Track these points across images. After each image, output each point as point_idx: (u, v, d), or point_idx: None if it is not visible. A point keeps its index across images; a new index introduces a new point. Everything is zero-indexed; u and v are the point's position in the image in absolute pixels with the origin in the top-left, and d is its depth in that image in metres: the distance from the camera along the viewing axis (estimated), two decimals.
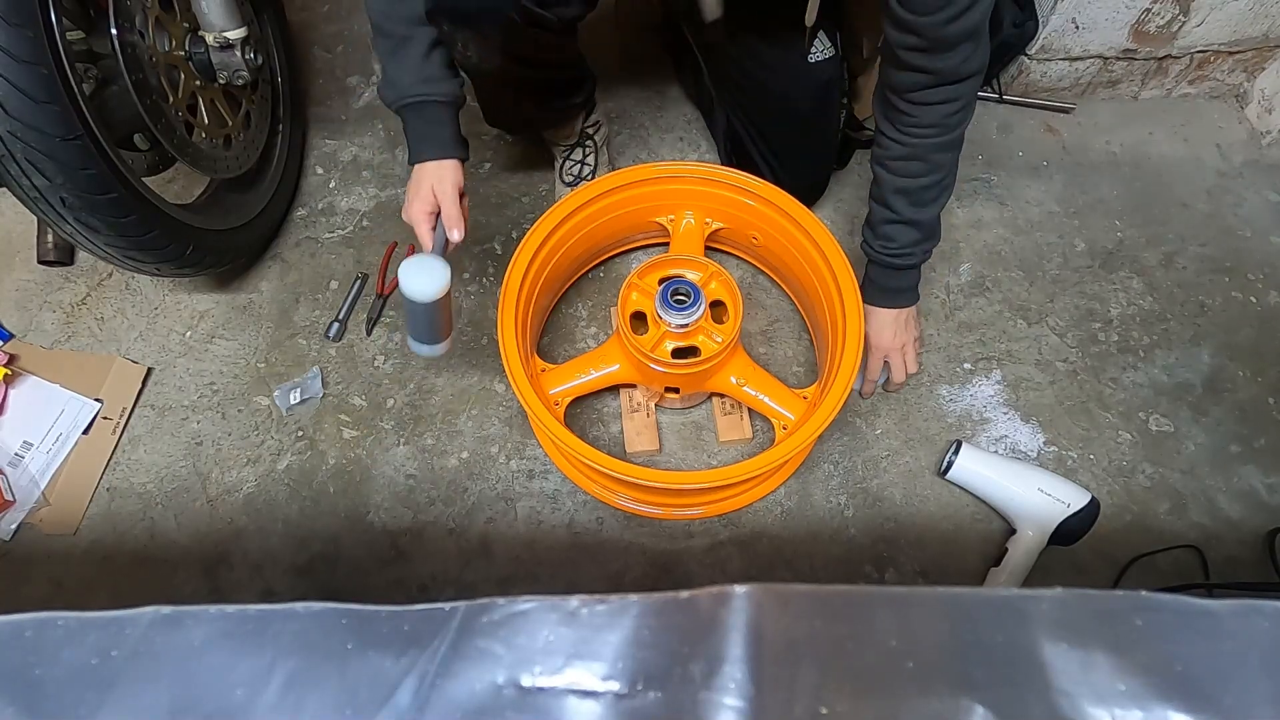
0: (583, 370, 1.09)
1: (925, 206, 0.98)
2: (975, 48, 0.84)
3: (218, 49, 1.07)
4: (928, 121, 0.90)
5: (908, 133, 0.92)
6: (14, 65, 0.79)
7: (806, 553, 1.08)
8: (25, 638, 0.32)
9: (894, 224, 1.00)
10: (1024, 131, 1.47)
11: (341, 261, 1.31)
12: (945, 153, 0.94)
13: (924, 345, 1.22)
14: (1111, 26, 1.35)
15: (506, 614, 0.31)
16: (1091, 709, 0.28)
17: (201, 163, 1.10)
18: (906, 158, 0.94)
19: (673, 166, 1.12)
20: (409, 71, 0.91)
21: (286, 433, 1.16)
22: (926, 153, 0.93)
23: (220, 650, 0.31)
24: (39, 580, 1.06)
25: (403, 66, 0.91)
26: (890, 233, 1.01)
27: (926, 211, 0.99)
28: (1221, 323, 1.27)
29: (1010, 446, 1.15)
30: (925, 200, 0.97)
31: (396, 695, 0.30)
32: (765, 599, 0.31)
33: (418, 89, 0.92)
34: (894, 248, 1.01)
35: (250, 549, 1.08)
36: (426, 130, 0.93)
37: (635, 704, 0.29)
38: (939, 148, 0.93)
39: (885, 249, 1.02)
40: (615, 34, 1.54)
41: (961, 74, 0.86)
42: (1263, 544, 1.09)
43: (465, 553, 1.08)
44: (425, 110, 0.93)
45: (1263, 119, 1.47)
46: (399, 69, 0.91)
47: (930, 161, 0.94)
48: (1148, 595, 0.30)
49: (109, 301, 1.26)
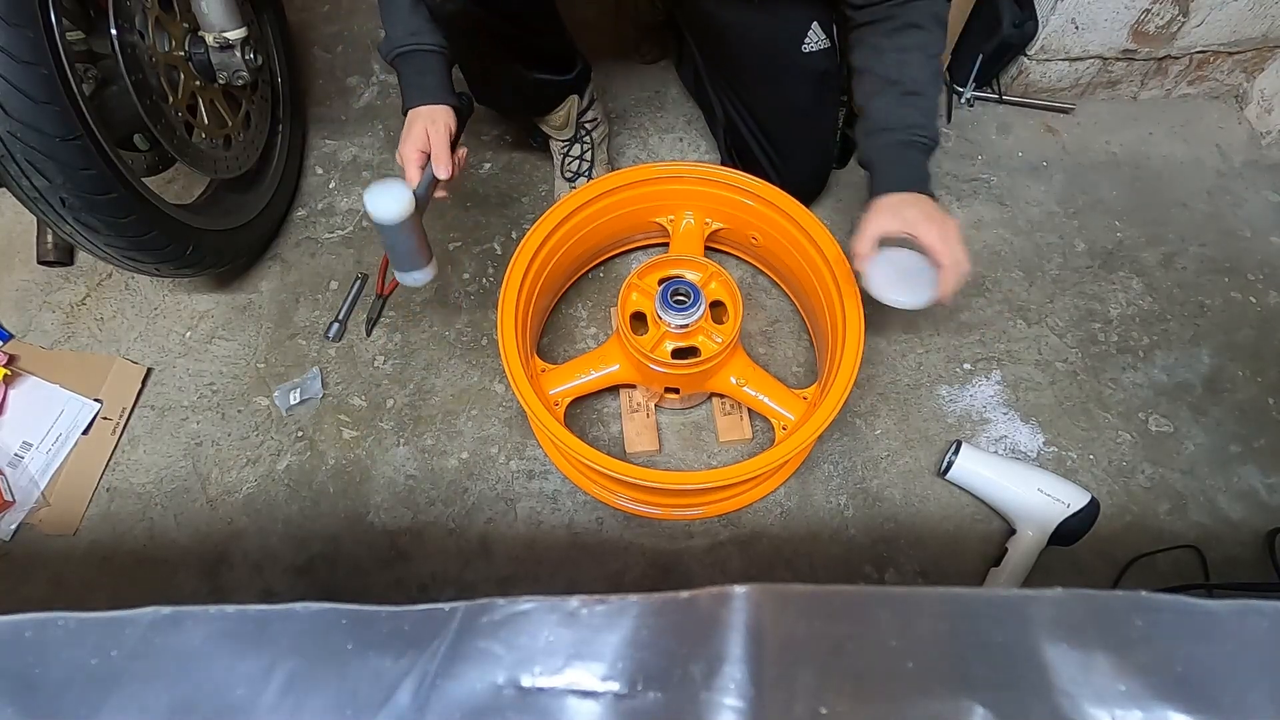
0: (583, 370, 1.09)
1: (928, 82, 0.94)
2: None
3: (218, 49, 1.07)
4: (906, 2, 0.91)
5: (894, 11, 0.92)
6: (14, 65, 0.79)
7: (806, 553, 1.08)
8: (25, 638, 0.32)
9: (906, 97, 0.93)
10: (1024, 131, 1.47)
11: (341, 262, 1.31)
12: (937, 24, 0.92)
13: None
14: (1111, 27, 1.35)
15: (506, 614, 0.31)
16: (1091, 709, 0.28)
17: (201, 163, 1.10)
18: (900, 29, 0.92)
19: (673, 166, 1.12)
20: (399, 23, 0.97)
21: (286, 433, 1.16)
22: (920, 19, 0.91)
23: (220, 650, 0.31)
24: (39, 580, 1.06)
25: (394, 20, 0.97)
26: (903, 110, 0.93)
27: (931, 87, 0.94)
28: (1221, 323, 1.27)
29: (1010, 446, 1.15)
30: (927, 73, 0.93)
31: (396, 695, 0.30)
32: (765, 599, 0.31)
33: (407, 40, 0.98)
34: (912, 122, 0.93)
35: (250, 549, 1.08)
36: (417, 79, 0.99)
37: (635, 704, 0.29)
38: (932, 15, 0.92)
39: (903, 126, 0.92)
40: (615, 34, 1.54)
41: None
42: (1263, 544, 1.09)
43: (465, 553, 1.08)
44: (415, 59, 0.99)
45: (1262, 119, 1.47)
46: (391, 22, 0.98)
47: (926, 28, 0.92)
48: (1148, 595, 0.30)
49: (109, 301, 1.26)
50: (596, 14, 1.55)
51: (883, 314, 1.26)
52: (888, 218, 0.89)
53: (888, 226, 0.89)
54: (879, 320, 1.25)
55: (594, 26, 1.54)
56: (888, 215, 0.90)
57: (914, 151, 0.94)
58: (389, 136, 1.43)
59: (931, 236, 0.87)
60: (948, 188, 1.39)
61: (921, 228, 0.88)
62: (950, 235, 0.88)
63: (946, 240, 0.87)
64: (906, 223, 0.88)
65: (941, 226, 0.88)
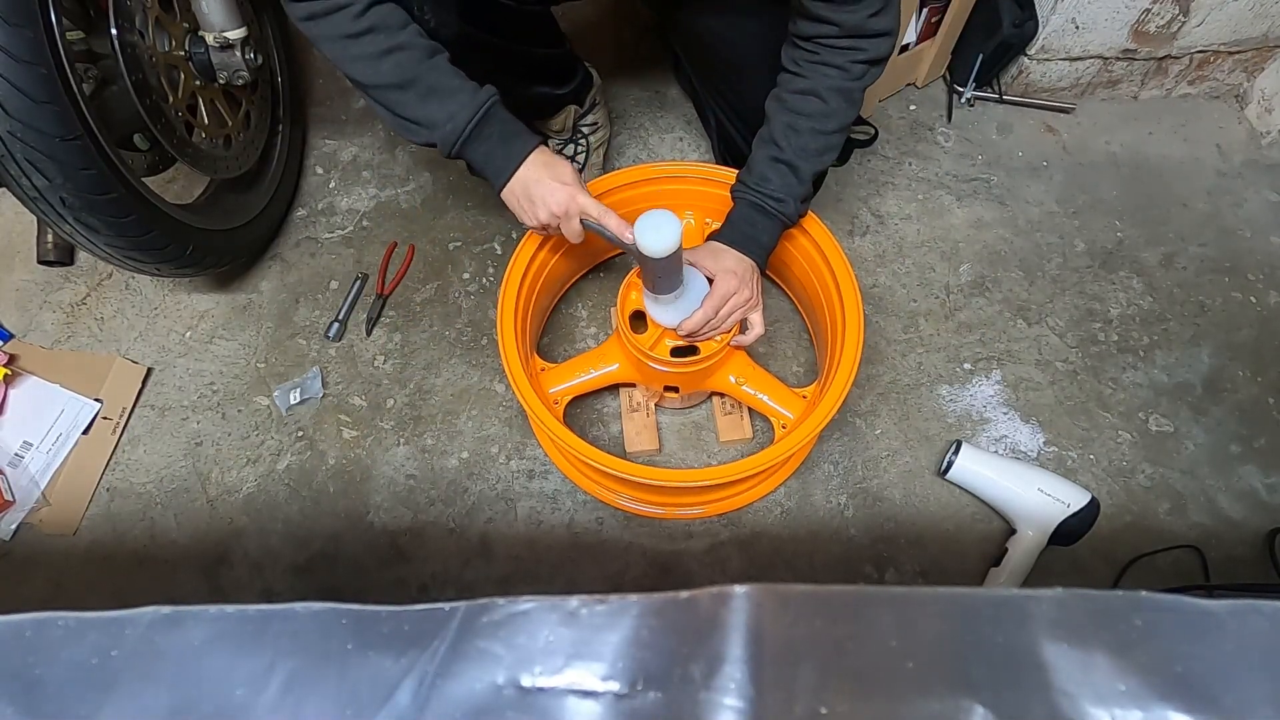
0: (582, 369, 1.09)
1: (809, 157, 0.93)
2: (884, 5, 0.84)
3: (218, 49, 1.07)
4: (831, 62, 0.88)
5: (808, 69, 0.90)
6: (14, 65, 0.79)
7: (806, 553, 1.08)
8: (25, 638, 0.32)
9: (775, 163, 0.94)
10: (1024, 131, 1.47)
11: (341, 261, 1.31)
12: (843, 100, 0.91)
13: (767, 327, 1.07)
14: (1111, 26, 1.35)
15: (506, 614, 0.31)
16: (1091, 709, 0.28)
17: (201, 163, 1.10)
18: (804, 91, 0.91)
19: (673, 166, 1.12)
20: (461, 92, 0.84)
21: (286, 433, 1.16)
22: (825, 91, 0.90)
23: (220, 650, 0.31)
24: (39, 580, 1.06)
25: (453, 95, 0.84)
26: (768, 173, 0.95)
27: (808, 162, 0.94)
28: (1221, 323, 1.27)
29: (1010, 446, 1.15)
30: (810, 149, 0.93)
31: (396, 695, 0.30)
32: (765, 599, 0.31)
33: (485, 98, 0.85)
34: (768, 189, 0.95)
35: (250, 549, 1.08)
36: (513, 126, 0.87)
37: (635, 704, 0.29)
38: (838, 91, 0.90)
39: (759, 188, 0.95)
40: (615, 34, 1.54)
41: (867, 30, 0.85)
42: (1263, 544, 1.09)
43: (465, 553, 1.08)
44: (498, 110, 0.86)
45: (1263, 119, 1.47)
46: (449, 98, 0.84)
47: (827, 102, 0.90)
48: (1148, 595, 0.30)
49: (109, 301, 1.26)
50: (596, 14, 1.55)
51: (883, 314, 1.26)
52: (708, 258, 0.95)
53: (704, 263, 0.95)
54: (879, 320, 1.25)
55: (594, 27, 1.54)
56: (708, 256, 0.96)
57: (762, 216, 0.97)
58: (389, 136, 1.43)
59: (720, 290, 0.93)
60: (948, 188, 1.39)
61: (721, 279, 0.94)
62: (735, 302, 0.95)
63: (725, 301, 0.94)
64: (716, 267, 0.95)
65: (737, 293, 0.94)
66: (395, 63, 0.82)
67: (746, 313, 0.98)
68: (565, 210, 0.88)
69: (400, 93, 0.83)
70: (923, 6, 1.32)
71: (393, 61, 0.82)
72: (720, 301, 0.94)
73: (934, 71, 1.49)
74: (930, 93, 1.51)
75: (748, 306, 0.97)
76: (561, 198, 0.87)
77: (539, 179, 0.87)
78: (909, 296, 1.28)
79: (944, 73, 1.51)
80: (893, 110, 1.48)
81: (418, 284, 1.29)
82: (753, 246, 0.97)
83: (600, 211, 0.87)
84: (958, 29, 1.41)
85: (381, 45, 0.81)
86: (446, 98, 0.84)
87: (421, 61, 0.83)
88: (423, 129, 0.85)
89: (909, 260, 1.31)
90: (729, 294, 0.94)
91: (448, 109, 0.84)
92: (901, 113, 1.48)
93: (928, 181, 1.40)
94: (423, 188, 1.38)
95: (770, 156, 0.95)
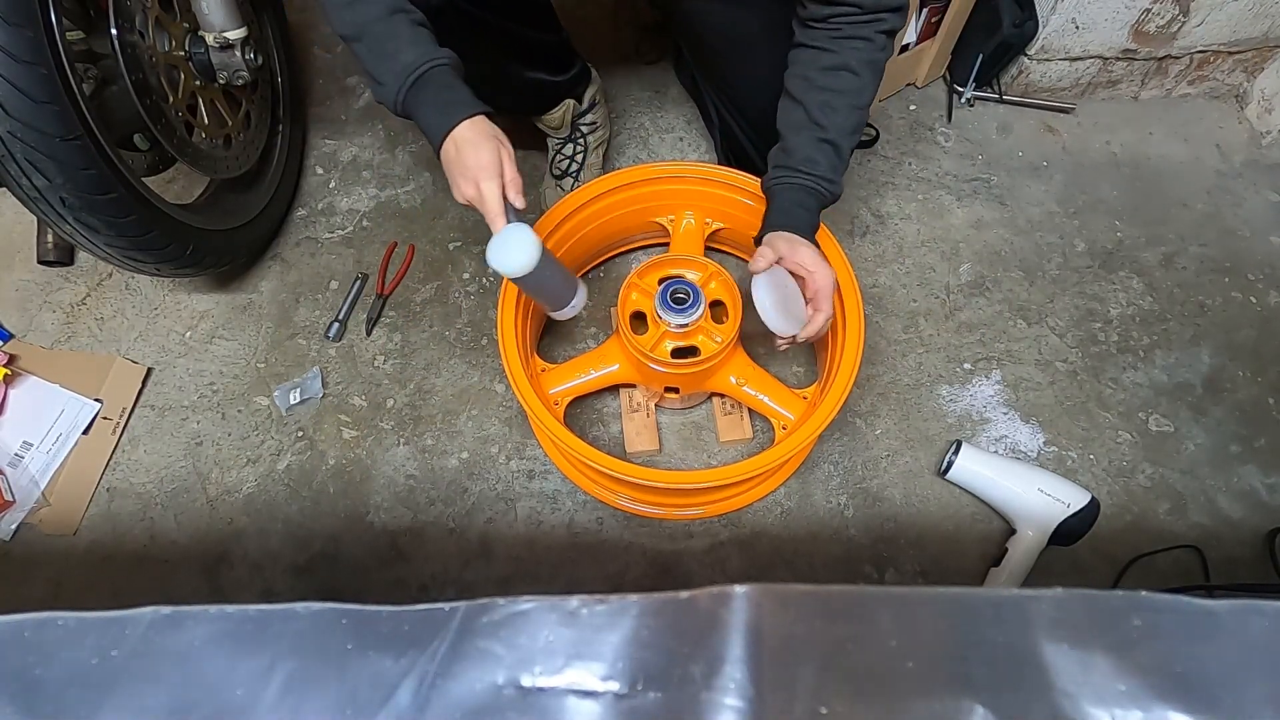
0: (583, 370, 1.09)
1: (848, 134, 0.93)
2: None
3: (218, 49, 1.07)
4: (859, 35, 0.89)
5: (835, 44, 0.90)
6: (14, 65, 0.79)
7: (806, 553, 1.08)
8: (25, 638, 0.32)
9: (821, 144, 0.93)
10: (1024, 131, 1.47)
11: (341, 261, 1.31)
12: (872, 72, 0.91)
13: None
14: (1111, 26, 1.35)
15: (506, 614, 0.31)
16: (1091, 709, 0.28)
17: (201, 163, 1.10)
18: (835, 68, 0.91)
19: (673, 166, 1.12)
20: (406, 49, 0.84)
21: (286, 433, 1.16)
22: (857, 65, 0.90)
23: (220, 650, 0.31)
24: (39, 580, 1.06)
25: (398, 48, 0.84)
26: (815, 155, 0.93)
27: (849, 139, 0.93)
28: (1221, 323, 1.27)
29: (1010, 446, 1.15)
30: (848, 126, 0.92)
31: (396, 695, 0.30)
32: (765, 599, 0.31)
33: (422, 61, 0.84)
34: (819, 171, 0.94)
35: (250, 549, 1.08)
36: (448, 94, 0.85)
37: (635, 704, 0.29)
38: (869, 63, 0.90)
39: (811, 171, 0.94)
40: (615, 34, 1.54)
41: (885, 4, 0.87)
42: (1263, 544, 1.09)
43: (465, 553, 1.08)
44: (437, 75, 0.85)
45: (1263, 119, 1.47)
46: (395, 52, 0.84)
47: (860, 75, 0.90)
48: (1148, 595, 0.30)
49: (109, 301, 1.26)
50: (596, 14, 1.55)
51: (883, 314, 1.26)
52: (786, 247, 0.93)
53: (786, 256, 0.93)
54: (879, 320, 1.25)
55: (594, 27, 1.54)
56: (786, 246, 0.93)
57: (814, 198, 0.96)
58: (389, 136, 1.43)
59: (817, 282, 0.93)
60: (948, 188, 1.39)
61: (821, 271, 0.93)
62: (832, 288, 0.94)
63: (827, 292, 0.93)
64: (801, 263, 0.93)
65: (827, 277, 0.93)
66: (355, 14, 0.83)
67: None
68: (475, 197, 0.85)
69: (357, 45, 0.85)
70: (923, 6, 1.32)
71: (353, 13, 0.83)
72: (833, 293, 0.94)
73: (934, 71, 1.49)
74: (930, 93, 1.51)
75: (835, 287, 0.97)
76: (470, 184, 0.84)
77: (460, 156, 0.84)
78: (909, 296, 1.28)
79: (944, 73, 1.51)
80: (893, 110, 1.48)
81: (418, 284, 1.29)
82: (810, 231, 0.96)
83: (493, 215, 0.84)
84: (958, 29, 1.41)
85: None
86: (395, 55, 0.85)
87: (380, 18, 0.83)
88: (377, 85, 0.86)
89: (909, 260, 1.31)
90: (833, 285, 0.94)
91: (394, 66, 0.85)
92: (901, 113, 1.48)
93: (928, 181, 1.40)
94: (423, 188, 1.38)
95: (816, 138, 0.93)
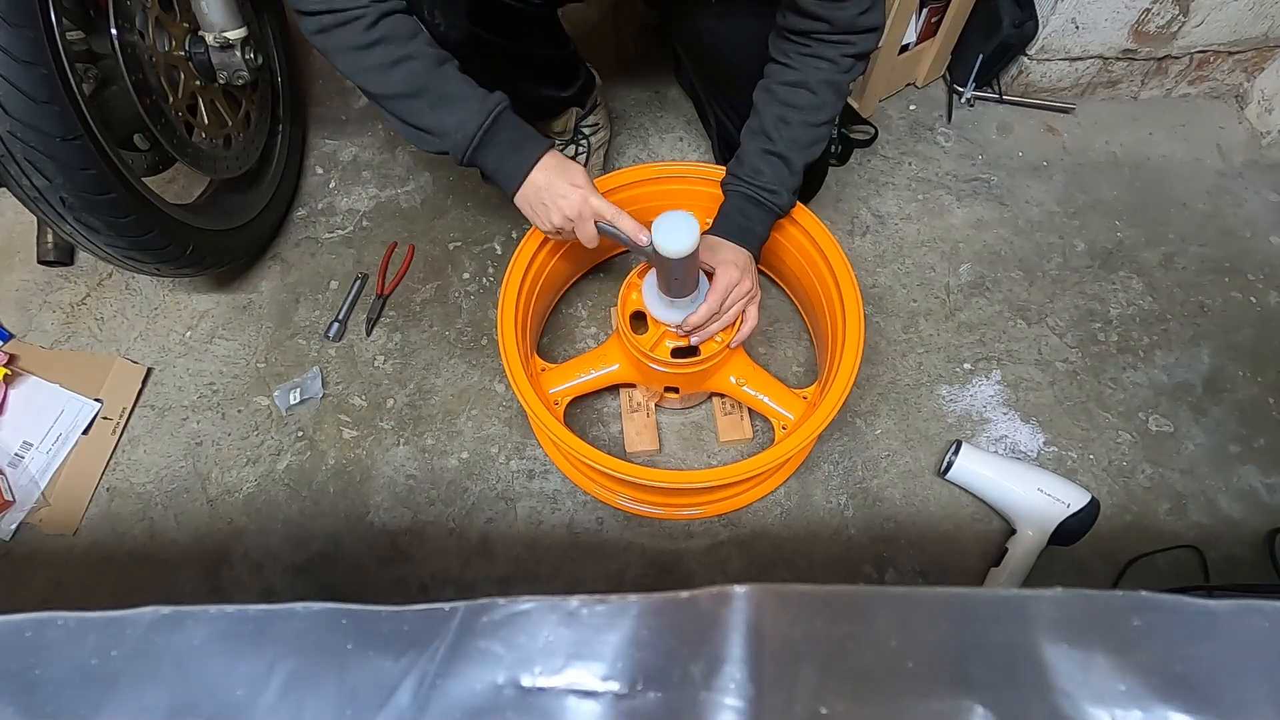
0: (583, 370, 1.09)
1: (800, 148, 0.94)
2: (873, 3, 0.86)
3: (218, 49, 1.07)
4: (823, 55, 0.90)
5: (799, 61, 0.91)
6: (14, 65, 0.79)
7: (806, 553, 1.08)
8: (25, 638, 0.32)
9: (768, 155, 0.95)
10: (1024, 131, 1.47)
11: (341, 261, 1.31)
12: (832, 92, 0.92)
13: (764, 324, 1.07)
14: (1111, 26, 1.35)
15: (506, 614, 0.31)
16: (1091, 709, 0.28)
17: (201, 163, 1.10)
18: (794, 84, 0.92)
19: (673, 166, 1.12)
20: (469, 100, 0.85)
21: (286, 433, 1.16)
22: (815, 84, 0.91)
23: (220, 650, 0.31)
24: (39, 580, 1.06)
25: (463, 103, 0.85)
26: (761, 165, 0.96)
27: (799, 154, 0.95)
28: (1221, 323, 1.27)
29: (1010, 446, 1.15)
30: (801, 140, 0.94)
31: (396, 695, 0.30)
32: (765, 599, 0.31)
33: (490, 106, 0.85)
34: (761, 181, 0.96)
35: (250, 549, 1.08)
36: (523, 130, 0.87)
37: (635, 704, 0.29)
38: (828, 84, 0.91)
39: (752, 180, 0.96)
40: (615, 34, 1.54)
41: (858, 26, 0.86)
42: (1263, 544, 1.09)
43: (465, 553, 1.08)
44: (506, 117, 0.86)
45: (1263, 119, 1.47)
46: (458, 107, 0.84)
47: (817, 94, 0.91)
48: (1148, 595, 0.30)
49: (109, 301, 1.26)
50: (596, 15, 1.55)
51: (883, 314, 1.26)
52: (705, 252, 0.93)
53: (701, 257, 0.93)
54: (879, 320, 1.25)
55: (595, 27, 1.54)
56: (705, 250, 0.93)
57: (756, 208, 0.97)
58: (389, 136, 1.43)
59: (722, 282, 0.93)
60: (948, 188, 1.39)
61: (722, 271, 0.93)
62: (737, 293, 0.94)
63: (719, 289, 0.93)
64: (715, 260, 0.94)
65: (726, 276, 0.93)
66: (406, 72, 0.82)
67: (748, 304, 0.98)
68: (579, 214, 0.88)
69: (411, 101, 0.84)
70: (923, 6, 1.32)
71: (403, 71, 0.82)
72: (723, 294, 0.94)
73: (934, 71, 1.49)
74: (930, 93, 1.51)
75: (749, 298, 0.97)
76: (574, 201, 0.87)
77: (551, 183, 0.88)
78: (909, 296, 1.28)
79: (944, 73, 1.51)
80: (893, 110, 1.48)
81: (418, 284, 1.29)
82: (749, 238, 0.98)
83: (614, 214, 0.87)
84: (958, 29, 1.41)
85: (392, 55, 0.82)
86: (456, 105, 0.84)
87: (431, 70, 0.83)
88: (434, 137, 0.86)
89: (909, 260, 1.31)
90: (731, 285, 0.94)
91: (458, 116, 0.84)
92: (901, 113, 1.48)
93: (928, 181, 1.40)
94: (423, 188, 1.38)
95: (762, 149, 0.95)
